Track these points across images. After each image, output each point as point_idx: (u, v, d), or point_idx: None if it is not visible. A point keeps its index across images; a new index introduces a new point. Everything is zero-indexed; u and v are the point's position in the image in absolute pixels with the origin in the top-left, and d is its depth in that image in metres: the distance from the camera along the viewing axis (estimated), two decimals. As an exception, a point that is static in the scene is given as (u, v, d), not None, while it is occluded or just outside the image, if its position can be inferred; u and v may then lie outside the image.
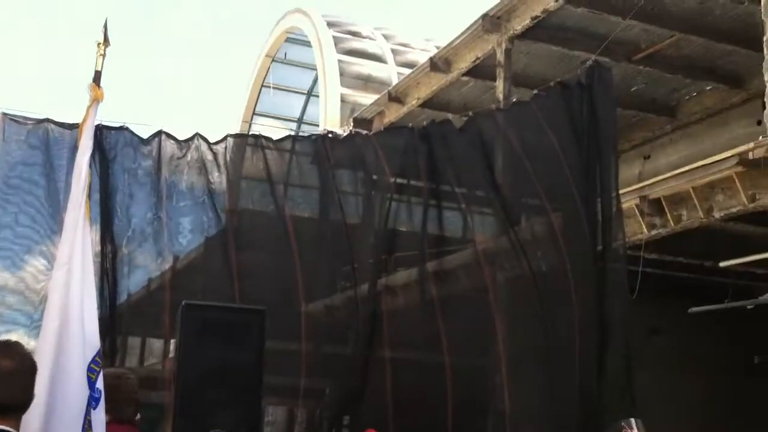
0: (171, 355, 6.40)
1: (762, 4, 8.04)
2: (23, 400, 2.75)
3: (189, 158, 8.44)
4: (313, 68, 17.88)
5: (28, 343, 3.57)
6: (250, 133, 9.63)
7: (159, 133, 8.33)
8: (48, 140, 9.01)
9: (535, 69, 12.70)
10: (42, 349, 3.59)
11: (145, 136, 8.22)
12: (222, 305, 5.77)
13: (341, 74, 16.72)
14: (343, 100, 16.51)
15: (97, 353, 3.64)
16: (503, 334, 7.07)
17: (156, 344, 9.18)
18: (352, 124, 15.40)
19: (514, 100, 11.20)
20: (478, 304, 7.58)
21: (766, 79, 7.88)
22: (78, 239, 3.70)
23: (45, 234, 8.13)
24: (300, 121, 19.92)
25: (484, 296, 7.59)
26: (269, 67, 19.49)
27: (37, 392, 2.98)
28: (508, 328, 7.03)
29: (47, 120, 9.14)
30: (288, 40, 19.16)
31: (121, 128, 8.01)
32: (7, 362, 2.71)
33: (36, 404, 3.08)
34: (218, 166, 8.39)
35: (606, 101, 6.95)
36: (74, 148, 4.33)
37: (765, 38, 7.93)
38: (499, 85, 11.63)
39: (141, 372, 9.34)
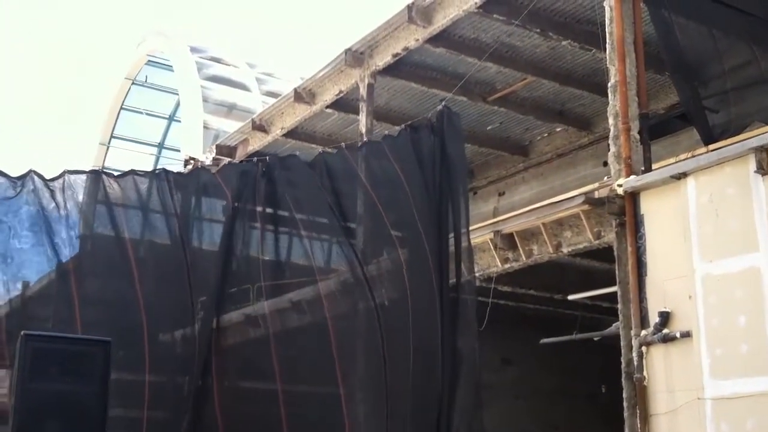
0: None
1: (607, 52, 8.52)
2: None
3: (24, 195, 8.12)
4: (176, 93, 17.57)
5: None
6: (92, 168, 9.36)
7: None
8: None
9: (396, 104, 13.00)
10: None
11: None
12: (65, 336, 5.55)
13: (204, 100, 16.51)
14: (206, 127, 16.29)
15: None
16: (345, 367, 7.16)
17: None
18: (214, 150, 15.21)
19: (369, 137, 11.44)
20: (324, 335, 7.63)
21: (610, 122, 8.32)
22: None
23: None
24: (161, 145, 19.49)
25: (329, 327, 7.65)
26: (129, 90, 19.00)
27: None
28: (352, 361, 7.18)
29: None
30: (149, 63, 18.76)
31: None
32: None
33: None
34: (56, 202, 8.13)
35: (455, 142, 7.34)
36: None
37: (610, 84, 8.39)
38: (362, 118, 11.80)
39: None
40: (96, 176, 8.53)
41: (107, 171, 9.86)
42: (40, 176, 8.05)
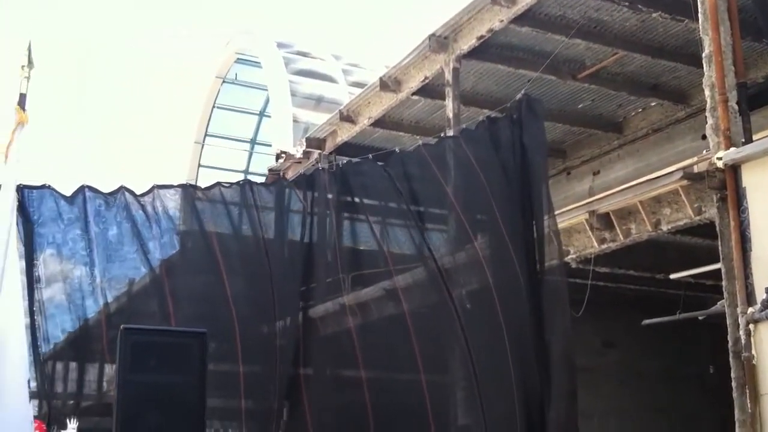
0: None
1: (700, 22, 8.20)
2: None
3: (116, 211, 8.72)
4: (265, 89, 17.83)
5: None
6: (180, 183, 9.98)
7: (82, 188, 8.58)
8: None
9: (483, 87, 12.83)
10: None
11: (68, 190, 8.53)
12: (162, 328, 5.71)
13: (293, 94, 16.70)
14: (295, 120, 16.48)
15: (27, 381, 3.57)
16: (468, 351, 7.17)
17: (102, 370, 9.08)
18: (304, 143, 15.38)
19: (451, 129, 11.35)
20: (440, 319, 7.67)
21: (707, 94, 8.01)
22: (8, 262, 3.62)
23: None
24: (253, 141, 19.84)
25: (441, 313, 7.68)
26: (220, 88, 19.40)
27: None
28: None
29: None
30: (238, 61, 19.11)
31: (44, 187, 8.21)
32: None
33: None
34: (146, 214, 8.69)
35: (536, 130, 7.28)
36: None
37: (704, 55, 8.07)
38: (449, 104, 11.70)
39: (84, 399, 9.26)
40: (184, 189, 9.10)
41: (194, 185, 10.61)
42: (131, 192, 8.64)
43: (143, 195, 9.24)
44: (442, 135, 10.94)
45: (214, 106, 19.43)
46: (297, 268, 9.32)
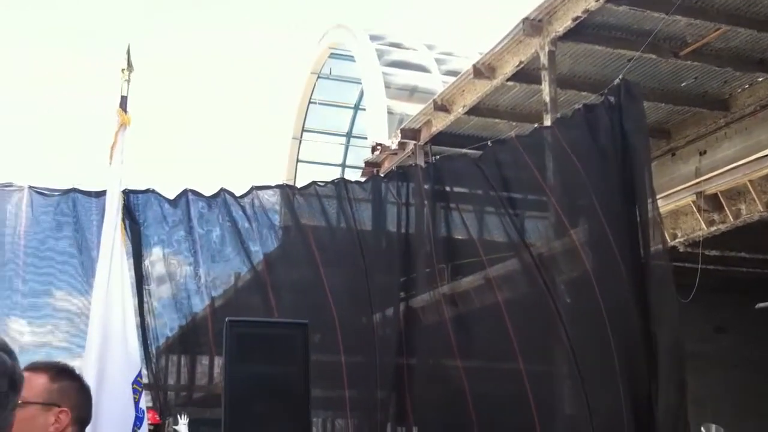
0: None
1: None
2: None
3: (218, 213, 9.20)
4: (359, 82, 17.94)
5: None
6: (284, 183, 10.46)
7: (185, 192, 9.07)
8: (76, 211, 9.59)
9: (581, 69, 12.55)
10: (85, 368, 3.63)
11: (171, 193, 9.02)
12: (265, 320, 5.82)
13: (387, 86, 16.74)
14: (390, 112, 16.51)
15: (138, 374, 3.67)
16: (569, 338, 7.07)
17: (212, 362, 9.39)
18: (399, 134, 15.40)
19: (552, 116, 11.13)
20: (539, 307, 7.60)
21: (819, 65, 7.63)
22: (116, 261, 3.74)
23: (83, 305, 8.67)
24: (349, 135, 20.00)
25: (540, 301, 7.59)
26: (315, 84, 19.62)
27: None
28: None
29: (73, 190, 9.66)
30: (332, 55, 19.27)
31: (148, 191, 8.77)
32: (83, 381, 2.70)
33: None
34: (246, 215, 9.11)
35: (635, 115, 7.10)
36: (103, 215, 4.41)
37: (815, 24, 7.70)
38: (545, 88, 11.50)
39: (195, 391, 9.61)
40: (282, 189, 9.54)
41: (290, 185, 11.15)
42: (231, 193, 9.10)
43: (243, 196, 9.66)
44: (536, 125, 10.80)
45: (309, 102, 19.68)
46: (395, 260, 9.42)
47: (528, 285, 8.11)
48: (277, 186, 10.14)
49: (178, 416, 8.60)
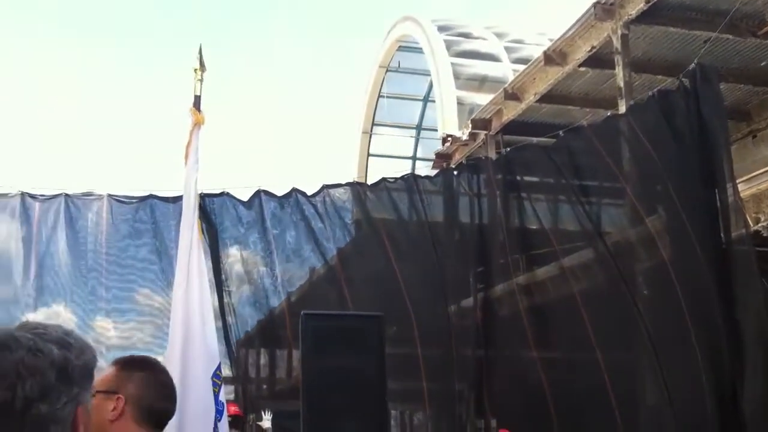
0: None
1: None
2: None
3: (290, 212, 9.45)
4: (428, 74, 17.89)
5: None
6: (354, 180, 10.63)
7: (258, 193, 9.40)
8: (155, 217, 9.86)
9: (655, 52, 12.23)
10: (168, 364, 3.72)
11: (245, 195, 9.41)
12: (340, 313, 5.87)
13: (456, 77, 16.64)
14: (459, 103, 16.42)
15: (218, 367, 3.74)
16: (647, 328, 6.94)
17: (291, 356, 9.56)
18: (470, 125, 15.30)
19: (627, 100, 10.89)
20: (615, 297, 7.49)
21: None
22: (194, 261, 3.82)
23: (164, 305, 8.96)
24: (419, 127, 19.97)
25: (617, 290, 7.48)
26: (384, 77, 19.64)
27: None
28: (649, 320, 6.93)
29: (151, 196, 9.92)
30: (400, 48, 19.26)
31: (222, 194, 9.12)
32: (167, 376, 2.79)
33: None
34: (319, 215, 9.31)
35: (712, 99, 6.91)
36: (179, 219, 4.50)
37: None
38: (618, 72, 11.27)
39: (276, 384, 9.77)
40: (352, 187, 9.77)
41: (360, 182, 11.54)
42: (303, 193, 9.38)
43: (314, 195, 9.84)
44: (610, 112, 10.58)
45: (379, 96, 19.71)
46: (468, 252, 9.38)
47: (603, 274, 7.99)
48: (348, 184, 10.27)
49: (262, 412, 8.76)
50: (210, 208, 9.61)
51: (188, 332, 3.69)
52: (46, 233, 9.85)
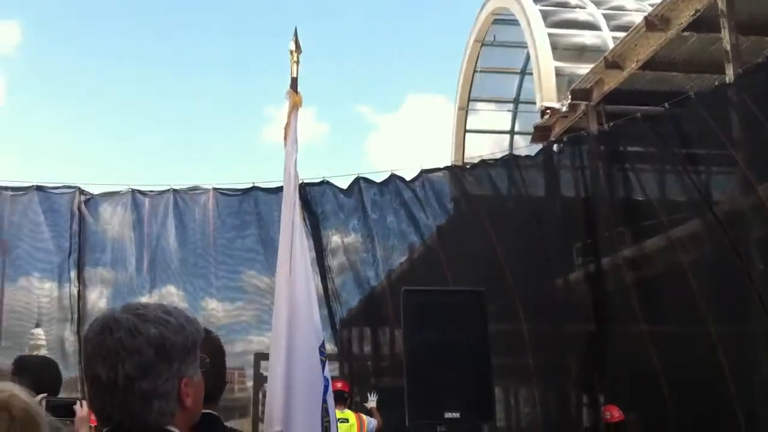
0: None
1: None
2: (216, 386, 2.85)
3: (389, 198, 9.67)
4: (524, 46, 17.57)
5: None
6: (452, 163, 10.73)
7: (357, 180, 9.62)
8: (258, 208, 10.20)
9: (764, 13, 11.66)
10: (276, 341, 3.81)
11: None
12: (440, 289, 5.86)
13: (553, 48, 16.28)
14: (558, 74, 16.06)
15: (322, 344, 3.80)
16: (760, 297, 6.70)
17: (393, 332, 9.67)
18: (570, 96, 14.97)
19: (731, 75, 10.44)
20: (727, 267, 7.25)
21: None
22: (296, 240, 3.88)
23: (269, 289, 9.25)
24: (516, 101, 19.67)
25: (727, 261, 7.23)
26: (479, 52, 19.40)
27: (277, 379, 3.20)
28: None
29: (254, 188, 10.25)
30: (495, 21, 18.97)
31: (323, 183, 9.38)
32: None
33: (277, 390, 3.29)
34: (418, 199, 9.45)
35: None
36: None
37: None
38: (725, 36, 10.81)
39: (380, 360, 9.89)
40: (450, 171, 9.91)
41: (459, 165, 11.87)
42: (401, 178, 9.60)
43: (413, 180, 10.05)
44: (716, 80, 10.15)
45: (475, 71, 19.49)
46: (572, 226, 9.23)
47: (713, 245, 7.71)
48: (446, 168, 10.37)
49: (368, 394, 8.88)
50: (311, 197, 9.88)
51: (293, 308, 3.76)
52: (156, 227, 10.37)
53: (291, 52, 3.81)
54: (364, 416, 8.56)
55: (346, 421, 7.82)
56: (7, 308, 10.35)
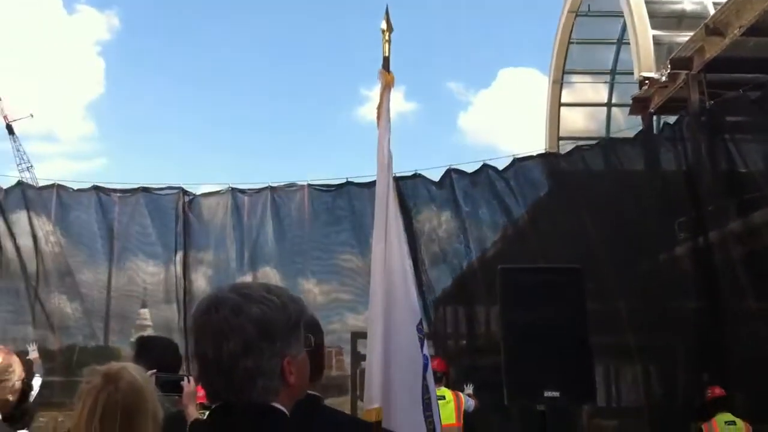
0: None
1: None
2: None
3: (481, 190, 9.69)
4: (620, 15, 17.06)
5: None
6: (539, 152, 10.69)
7: (449, 172, 9.68)
8: (352, 204, 10.39)
9: None
10: (373, 320, 3.84)
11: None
12: (536, 266, 5.79)
13: (651, 15, 15.74)
14: (656, 42, 15.55)
15: (420, 322, 3.81)
16: None
17: (488, 311, 9.64)
18: (669, 66, 14.47)
19: None
20: None
21: None
22: (391, 220, 3.89)
23: (362, 271, 9.42)
24: (613, 72, 19.16)
25: None
26: (573, 23, 18.94)
27: (375, 357, 3.23)
28: None
29: (347, 183, 10.45)
30: (590, -9, 18.50)
31: (415, 176, 9.48)
32: None
33: (376, 368, 3.32)
34: (511, 189, 9.44)
35: None
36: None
37: None
38: (839, -6, 10.22)
39: (474, 339, 9.88)
40: (544, 158, 9.89)
41: (553, 152, 12.02)
42: (494, 168, 9.67)
43: (505, 169, 10.02)
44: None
45: (569, 42, 19.06)
46: (673, 200, 8.94)
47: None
48: (539, 155, 10.28)
49: (464, 385, 8.91)
50: (403, 190, 9.99)
51: (390, 288, 3.78)
52: (255, 225, 10.81)
53: (382, 31, 3.80)
54: (461, 394, 8.58)
55: (443, 398, 7.86)
56: (115, 292, 10.90)
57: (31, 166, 77.41)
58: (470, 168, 10.37)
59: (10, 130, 79.26)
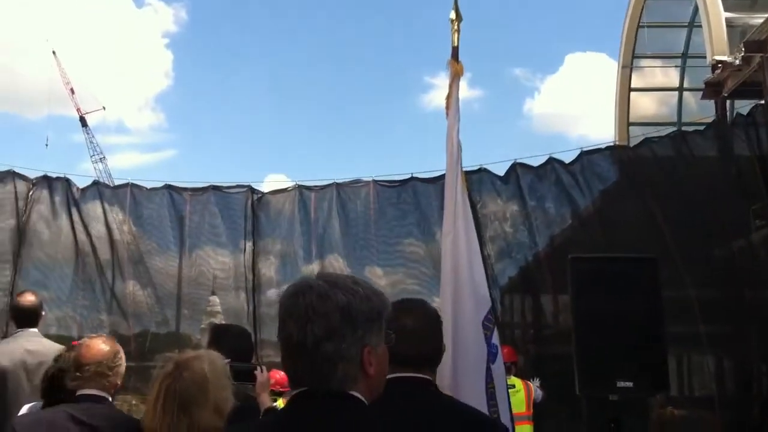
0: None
1: None
2: (424, 352, 2.90)
3: (547, 184, 9.65)
4: (692, -3, 16.64)
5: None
6: (607, 145, 10.67)
7: (513, 166, 9.69)
8: (417, 199, 10.47)
9: None
10: (443, 309, 3.86)
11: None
12: (609, 256, 5.71)
13: (724, -2, 15.33)
14: (729, 25, 15.11)
15: (489, 311, 3.81)
16: None
17: (556, 300, 9.57)
18: (743, 48, 14.05)
19: None
20: None
21: None
22: (459, 209, 3.89)
23: (434, 287, 9.47)
24: (684, 55, 18.69)
25: None
26: (643, 6, 18.52)
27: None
28: None
29: (412, 178, 10.53)
30: (653, -25, 18.06)
31: (480, 171, 9.56)
32: (408, 320, 2.89)
33: (444, 358, 3.34)
34: (577, 182, 9.36)
35: None
36: (441, 198, 4.60)
37: None
38: None
39: (542, 328, 9.82)
40: (612, 150, 9.84)
41: (622, 145, 12.04)
42: (560, 162, 9.62)
43: (572, 163, 9.93)
44: None
45: (639, 26, 18.64)
46: (748, 186, 8.70)
47: None
48: (608, 148, 10.17)
49: (532, 378, 8.89)
50: (468, 185, 10.02)
51: (458, 278, 3.79)
52: (322, 221, 11.00)
53: (451, 20, 3.78)
54: (531, 384, 8.56)
55: (513, 387, 7.87)
56: (186, 280, 11.19)
57: (104, 157, 79.71)
58: (536, 161, 10.32)
59: (83, 122, 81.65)
